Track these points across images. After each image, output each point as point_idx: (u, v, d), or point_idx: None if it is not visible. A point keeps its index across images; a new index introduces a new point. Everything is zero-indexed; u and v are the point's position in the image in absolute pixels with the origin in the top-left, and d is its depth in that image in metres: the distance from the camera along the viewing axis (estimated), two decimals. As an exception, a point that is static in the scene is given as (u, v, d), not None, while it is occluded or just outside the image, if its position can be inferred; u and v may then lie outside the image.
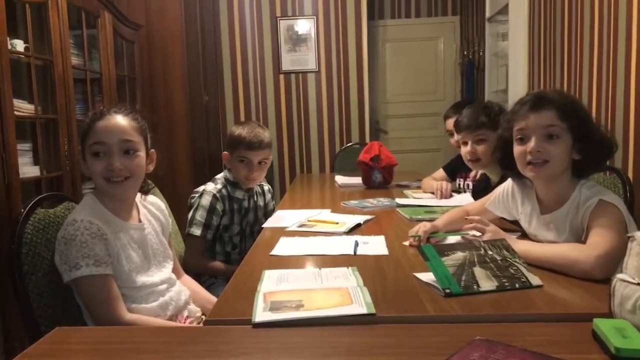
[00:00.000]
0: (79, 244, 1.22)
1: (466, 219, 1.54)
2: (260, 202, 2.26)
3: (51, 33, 2.41)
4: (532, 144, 1.34)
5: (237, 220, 2.11)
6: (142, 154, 1.36)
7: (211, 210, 2.00)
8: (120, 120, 1.33)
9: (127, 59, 3.31)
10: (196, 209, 2.01)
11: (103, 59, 2.91)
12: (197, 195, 2.04)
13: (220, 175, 2.14)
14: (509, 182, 1.59)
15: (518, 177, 1.48)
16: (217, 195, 2.03)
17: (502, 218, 1.69)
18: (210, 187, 2.06)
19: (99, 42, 2.90)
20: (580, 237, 1.32)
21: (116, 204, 1.35)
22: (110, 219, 1.33)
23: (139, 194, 1.45)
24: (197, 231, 1.98)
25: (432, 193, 2.49)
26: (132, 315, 1.27)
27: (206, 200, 2.01)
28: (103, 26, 2.90)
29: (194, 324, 1.44)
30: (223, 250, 2.11)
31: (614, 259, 1.14)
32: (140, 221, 1.42)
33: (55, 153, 2.49)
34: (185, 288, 1.51)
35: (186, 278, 1.63)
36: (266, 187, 2.35)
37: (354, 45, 4.54)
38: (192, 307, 1.49)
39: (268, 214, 2.28)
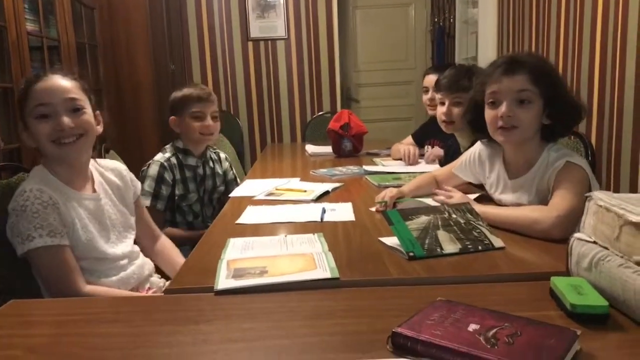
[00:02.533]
0: (30, 215, 1.16)
1: (433, 193, 1.56)
2: (218, 169, 2.23)
3: (3, -3, 2.29)
4: (503, 108, 1.34)
5: (194, 188, 2.08)
6: (89, 111, 1.30)
7: (159, 180, 1.97)
8: (61, 80, 1.27)
9: (87, 26, 3.17)
10: (145, 179, 1.97)
11: (60, 25, 2.78)
12: (146, 167, 2.01)
13: (168, 146, 2.11)
14: (475, 147, 1.60)
15: (488, 139, 1.49)
16: (165, 164, 2.00)
17: (469, 183, 1.71)
18: (157, 157, 2.04)
19: (55, 7, 2.76)
20: (546, 198, 1.34)
21: (67, 173, 1.28)
22: (62, 189, 1.26)
23: (92, 161, 1.38)
24: (146, 202, 1.92)
25: (401, 159, 2.49)
26: (91, 286, 1.23)
27: (153, 170, 1.97)
28: (59, -10, 2.76)
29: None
30: (184, 220, 2.08)
31: (573, 220, 1.16)
32: (94, 191, 1.35)
33: (13, 124, 2.38)
34: (148, 260, 1.47)
35: (164, 239, 1.59)
36: (222, 154, 2.31)
37: (324, 12, 4.45)
38: (154, 278, 1.45)
39: (229, 182, 2.26)
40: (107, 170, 1.45)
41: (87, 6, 3.17)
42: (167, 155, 2.04)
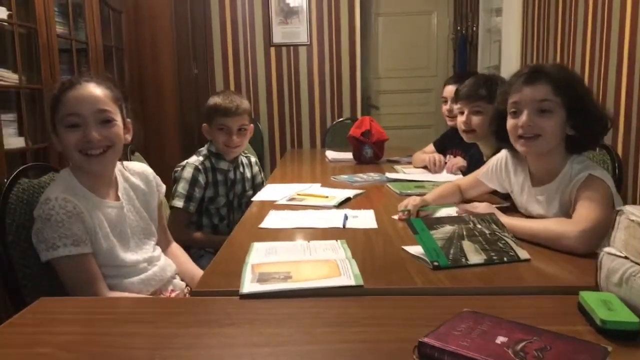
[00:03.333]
0: (54, 224, 1.16)
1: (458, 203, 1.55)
2: (248, 174, 2.24)
3: (35, 0, 2.34)
4: (524, 117, 1.33)
5: (223, 192, 2.10)
6: (119, 123, 1.30)
7: (193, 182, 1.99)
8: (93, 89, 1.26)
9: (114, 29, 3.23)
10: (179, 181, 2.01)
11: (89, 28, 2.84)
12: (180, 168, 2.04)
13: (203, 148, 2.13)
14: (502, 154, 1.58)
15: (512, 149, 1.47)
16: (200, 167, 2.02)
17: (493, 193, 1.69)
18: (192, 159, 2.06)
19: (84, 10, 2.82)
20: (568, 210, 1.32)
21: (93, 180, 1.28)
22: (86, 196, 1.26)
23: (118, 164, 1.38)
24: (179, 203, 1.98)
25: (424, 168, 2.48)
26: (115, 292, 1.24)
27: (188, 173, 2.00)
28: (89, -6, 2.82)
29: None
30: (210, 223, 2.10)
31: (598, 234, 1.14)
32: (118, 198, 1.35)
33: (41, 124, 2.44)
34: (171, 262, 1.47)
35: (174, 247, 1.59)
36: (253, 159, 2.33)
37: (346, 19, 4.46)
38: (177, 281, 1.46)
39: (257, 186, 2.27)
40: (134, 174, 1.44)
41: (114, 10, 3.23)
42: (201, 158, 2.06)
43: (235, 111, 2.03)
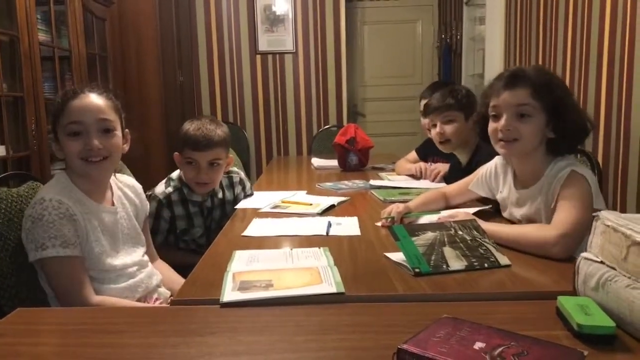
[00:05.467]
0: (46, 224, 1.17)
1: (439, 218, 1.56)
2: (229, 196, 2.01)
3: (17, 7, 2.33)
4: (502, 121, 1.34)
5: (199, 223, 1.91)
6: (119, 133, 1.33)
7: (157, 216, 1.83)
8: (96, 99, 1.29)
9: (97, 37, 3.21)
10: None
11: (72, 36, 2.82)
12: (149, 195, 1.84)
13: (176, 175, 1.91)
14: (493, 162, 1.60)
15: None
16: (164, 200, 1.84)
17: (481, 200, 1.71)
18: (159, 189, 1.87)
19: (67, 18, 2.80)
20: (550, 207, 1.32)
21: (90, 186, 1.31)
22: (83, 200, 1.28)
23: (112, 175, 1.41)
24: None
25: (410, 176, 2.49)
26: (100, 297, 1.24)
27: (152, 207, 1.79)
28: (72, 2, 2.81)
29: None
30: (188, 248, 1.95)
31: (578, 236, 1.18)
32: (113, 204, 1.38)
33: (22, 132, 2.41)
34: (157, 271, 1.48)
35: (159, 262, 1.60)
36: (237, 178, 2.06)
37: (332, 27, 4.49)
38: (162, 289, 1.46)
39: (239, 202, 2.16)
40: (126, 186, 1.48)
41: (98, 17, 3.21)
42: (170, 190, 1.87)
43: (207, 145, 1.78)
